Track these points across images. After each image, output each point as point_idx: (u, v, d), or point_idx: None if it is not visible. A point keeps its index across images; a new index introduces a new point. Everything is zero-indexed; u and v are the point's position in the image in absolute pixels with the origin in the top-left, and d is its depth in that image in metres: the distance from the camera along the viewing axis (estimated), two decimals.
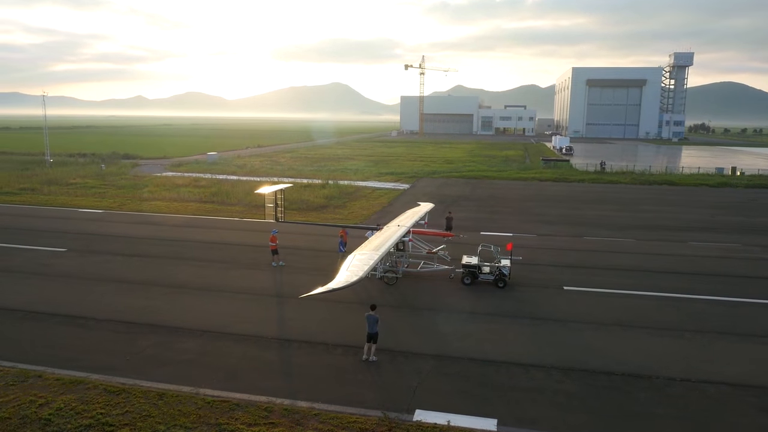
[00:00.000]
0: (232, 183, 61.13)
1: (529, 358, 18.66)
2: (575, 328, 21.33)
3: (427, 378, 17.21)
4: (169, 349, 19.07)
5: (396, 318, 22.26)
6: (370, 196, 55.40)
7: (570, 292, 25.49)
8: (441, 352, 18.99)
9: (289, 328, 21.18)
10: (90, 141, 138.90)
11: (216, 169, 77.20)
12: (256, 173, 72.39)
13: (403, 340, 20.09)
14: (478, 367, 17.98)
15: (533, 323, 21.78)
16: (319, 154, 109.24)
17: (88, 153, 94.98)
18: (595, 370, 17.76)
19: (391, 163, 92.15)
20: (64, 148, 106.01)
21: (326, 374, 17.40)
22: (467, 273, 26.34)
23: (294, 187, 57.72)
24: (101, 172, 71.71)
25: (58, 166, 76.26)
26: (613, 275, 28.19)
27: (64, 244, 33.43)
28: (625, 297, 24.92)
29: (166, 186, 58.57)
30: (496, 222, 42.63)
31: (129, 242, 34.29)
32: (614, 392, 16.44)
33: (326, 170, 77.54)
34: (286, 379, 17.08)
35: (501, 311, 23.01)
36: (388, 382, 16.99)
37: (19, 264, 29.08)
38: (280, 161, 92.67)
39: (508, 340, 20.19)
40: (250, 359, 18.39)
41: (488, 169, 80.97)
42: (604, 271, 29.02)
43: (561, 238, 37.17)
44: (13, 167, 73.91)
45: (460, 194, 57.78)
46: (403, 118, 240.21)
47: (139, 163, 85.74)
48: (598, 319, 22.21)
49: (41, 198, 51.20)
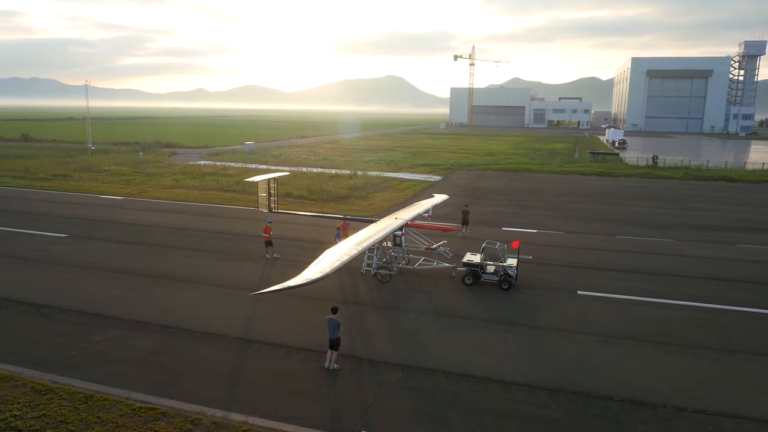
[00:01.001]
0: (260, 172, 60.27)
1: (514, 374, 16.09)
2: (579, 340, 18.51)
3: (387, 393, 14.98)
4: (120, 345, 17.64)
5: (377, 320, 20.10)
6: (396, 187, 53.18)
7: (583, 298, 22.54)
8: (413, 363, 16.68)
9: (257, 327, 19.38)
10: (144, 131, 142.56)
11: (250, 158, 76.87)
12: (287, 163, 71.46)
13: (376, 346, 17.92)
14: (451, 382, 15.58)
15: (531, 332, 19.09)
16: (360, 145, 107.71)
17: (132, 142, 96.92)
18: (589, 393, 15.02)
19: (431, 154, 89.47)
20: (120, 137, 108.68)
21: (277, 383, 15.47)
22: (468, 272, 23.81)
23: (319, 177, 56.46)
24: (138, 159, 72.66)
25: (99, 154, 77.93)
26: (639, 279, 24.92)
27: (67, 229, 32.99)
28: (647, 305, 21.75)
29: (192, 174, 58.31)
30: (523, 217, 39.55)
31: (132, 229, 33.53)
32: (606, 423, 13.70)
33: (361, 161, 75.83)
34: (230, 387, 15.26)
35: (497, 317, 20.41)
36: (342, 395, 14.88)
37: (11, 249, 28.65)
38: (317, 151, 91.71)
39: (495, 351, 17.64)
40: (200, 361, 16.70)
41: (530, 162, 77.01)
42: (629, 274, 25.75)
43: (590, 236, 33.82)
44: (57, 154, 76.00)
45: (493, 187, 54.68)
46: (452, 110, 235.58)
47: (178, 152, 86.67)
48: (609, 330, 19.26)
49: (70, 184, 51.82)
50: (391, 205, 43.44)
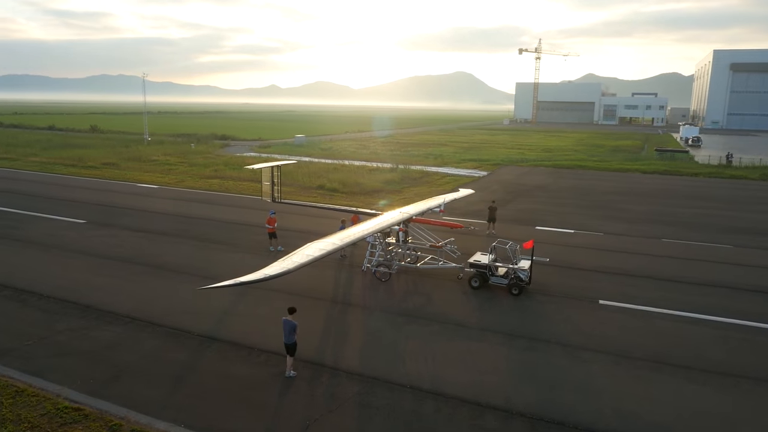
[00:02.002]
0: (302, 164, 59.62)
1: (493, 395, 13.75)
2: (585, 358, 15.84)
3: (336, 409, 13.07)
4: (80, 337, 16.69)
5: (359, 323, 18.19)
6: (435, 182, 50.86)
7: (604, 309, 19.65)
8: (381, 374, 14.67)
9: (228, 324, 17.94)
10: (208, 124, 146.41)
11: (297, 151, 76.60)
12: (332, 155, 70.53)
13: (347, 352, 16.03)
14: (417, 401, 13.46)
15: (530, 346, 16.57)
16: (414, 140, 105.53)
17: (191, 134, 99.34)
18: (578, 426, 12.49)
19: (484, 150, 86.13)
20: (183, 130, 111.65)
21: (224, 388, 13.91)
22: (475, 274, 21.41)
23: (357, 171, 55.02)
24: (189, 150, 73.97)
25: (154, 145, 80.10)
26: (678, 290, 21.63)
27: (87, 215, 33.11)
28: (680, 321, 18.61)
29: (233, 165, 58.38)
30: (562, 216, 36.30)
31: (152, 218, 33.25)
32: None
33: (408, 155, 73.83)
34: (172, 390, 13.84)
35: (496, 326, 17.99)
36: (287, 408, 13.11)
37: (26, 233, 28.85)
38: (369, 145, 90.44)
39: (481, 366, 15.30)
40: (153, 358, 15.42)
41: (587, 159, 72.22)
42: (668, 284, 22.45)
43: (632, 238, 30.32)
44: (116, 144, 78.76)
45: (540, 184, 51.19)
46: (517, 106, 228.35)
47: (230, 144, 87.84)
48: (626, 349, 16.42)
49: (114, 172, 52.99)
50: (423, 199, 41.21)
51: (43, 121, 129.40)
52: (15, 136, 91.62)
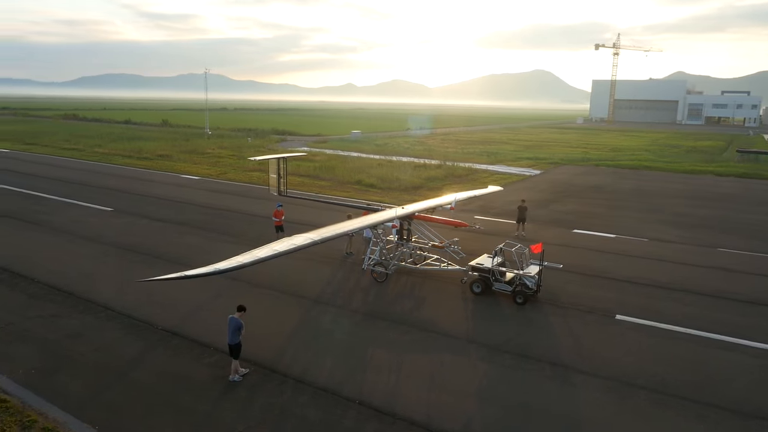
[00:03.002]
0: (348, 159, 59.01)
1: (450, 420, 11.91)
2: (577, 382, 13.59)
3: (267, 422, 11.69)
4: (48, 324, 16.32)
5: (332, 327, 16.73)
6: (480, 179, 48.38)
7: (619, 325, 17.11)
8: (330, 386, 13.16)
9: (196, 319, 17.04)
10: (274, 120, 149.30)
11: (351, 146, 76.15)
12: (384, 151, 69.26)
13: (304, 358, 14.64)
14: (360, 418, 11.87)
15: (515, 365, 14.48)
16: (475, 138, 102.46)
17: (252, 129, 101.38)
18: None
19: (546, 148, 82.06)
20: (250, 126, 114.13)
21: (156, 390, 12.92)
22: (477, 278, 19.39)
23: (402, 167, 53.49)
24: (245, 144, 75.17)
25: (213, 138, 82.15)
26: (716, 308, 18.62)
27: (117, 204, 33.66)
28: (709, 345, 15.81)
29: None
30: (609, 219, 33.11)
31: (177, 207, 33.36)
32: None
33: (463, 152, 71.46)
34: (105, 386, 13.00)
35: (485, 338, 15.98)
36: (215, 417, 11.87)
37: (52, 218, 29.55)
38: (427, 142, 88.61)
39: (449, 384, 13.43)
40: (104, 351, 14.71)
41: (657, 160, 66.78)
42: (709, 299, 19.42)
43: (682, 246, 26.94)
44: (177, 137, 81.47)
45: (595, 184, 47.51)
46: (593, 105, 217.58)
47: (287, 138, 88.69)
48: (630, 374, 14.00)
49: (164, 163, 54.37)
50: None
51: (122, 116, 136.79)
52: (91, 128, 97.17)
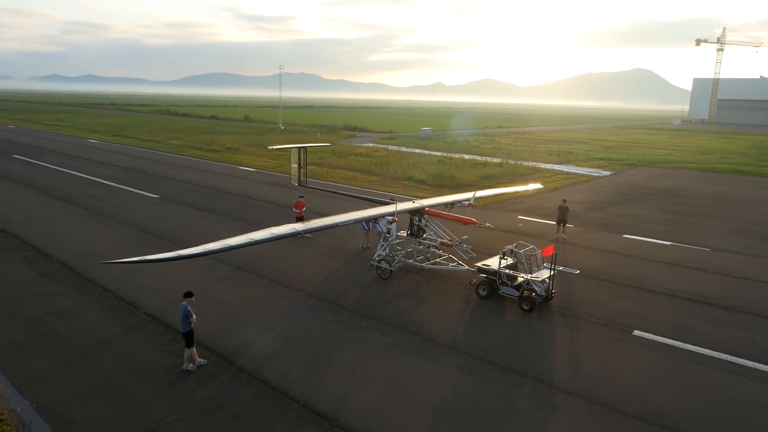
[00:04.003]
0: (408, 156, 58.13)
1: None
2: (556, 405, 11.88)
3: (199, 416, 11.08)
4: (43, 301, 16.77)
5: (312, 323, 15.90)
6: (539, 179, 45.70)
7: (634, 342, 14.99)
8: (281, 384, 12.36)
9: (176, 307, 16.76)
10: (355, 118, 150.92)
11: (418, 143, 75.10)
12: (452, 149, 67.45)
13: (268, 353, 13.90)
14: (295, 423, 10.95)
15: (493, 378, 12.94)
16: (552, 137, 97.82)
17: (324, 124, 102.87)
18: None
19: (628, 149, 76.52)
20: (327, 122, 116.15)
21: (108, 374, 12.70)
22: (483, 281, 17.82)
23: (462, 164, 51.82)
24: (314, 139, 76.15)
25: (286, 133, 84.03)
26: (759, 330, 15.89)
27: (166, 192, 34.83)
28: (733, 373, 13.41)
29: (340, 153, 58.51)
30: (672, 225, 29.85)
31: (220, 197, 34.02)
32: None
33: (533, 151, 68.31)
34: (62, 366, 12.98)
35: (470, 346, 14.51)
36: (150, 405, 11.42)
37: (100, 203, 31.01)
38: (499, 140, 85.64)
39: (409, 393, 12.19)
40: (79, 331, 14.79)
41: (750, 164, 60.13)
42: (752, 319, 16.65)
43: (750, 258, 23.60)
44: (251, 132, 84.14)
45: (668, 188, 43.37)
46: (693, 105, 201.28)
47: (357, 135, 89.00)
48: (624, 401, 12.06)
49: (229, 156, 56.07)
50: (515, 195, 37.16)
51: (212, 112, 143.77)
52: (177, 123, 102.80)
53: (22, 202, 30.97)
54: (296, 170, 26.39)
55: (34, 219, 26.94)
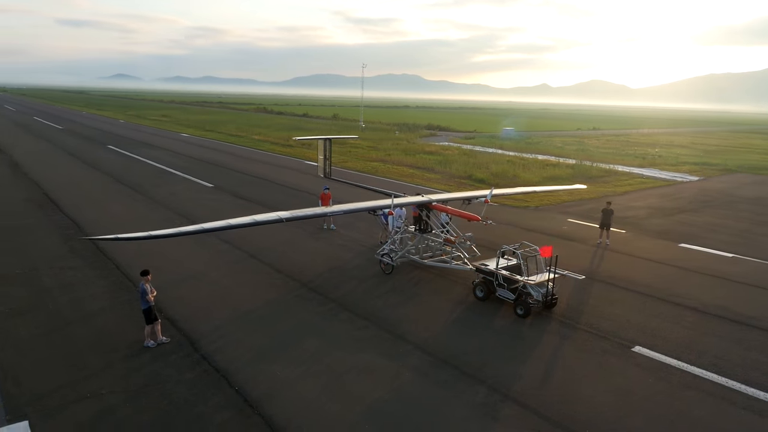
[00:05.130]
0: (478, 155, 56.62)
1: (309, 428, 10.26)
2: (503, 418, 10.80)
3: (131, 390, 11.25)
4: (58, 274, 17.96)
5: (287, 312, 15.72)
6: (611, 182, 42.71)
7: (631, 359, 13.32)
8: (226, 369, 12.27)
9: (179, 287, 17.27)
10: (445, 118, 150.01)
11: (497, 143, 73.03)
12: (530, 149, 64.85)
13: (232, 338, 13.89)
14: (223, 405, 10.81)
15: (447, 383, 12.03)
16: (647, 141, 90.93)
17: (407, 123, 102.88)
18: None
19: (731, 155, 69.44)
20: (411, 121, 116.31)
21: (74, 345, 13.25)
22: (481, 282, 16.72)
23: (528, 164, 49.64)
24: (392, 137, 76.46)
25: (366, 131, 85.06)
26: None
27: (221, 182, 36.37)
28: (737, 403, 11.48)
29: (408, 151, 58.21)
30: (746, 236, 26.50)
31: (268, 188, 35.14)
32: None
33: (618, 153, 63.96)
34: (40, 335, 13.71)
35: (438, 348, 13.61)
36: (93, 377, 11.76)
37: (156, 189, 32.99)
38: (586, 142, 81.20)
39: (348, 392, 11.63)
40: (72, 305, 15.64)
41: None
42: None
43: None
44: (333, 128, 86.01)
45: (762, 197, 38.63)
46: None
47: (437, 134, 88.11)
48: (585, 423, 10.72)
49: (302, 151, 57.54)
50: (577, 198, 34.98)
51: (305, 110, 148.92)
52: (268, 120, 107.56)
53: (89, 186, 33.64)
54: (322, 161, 26.38)
55: (91, 201, 29.14)
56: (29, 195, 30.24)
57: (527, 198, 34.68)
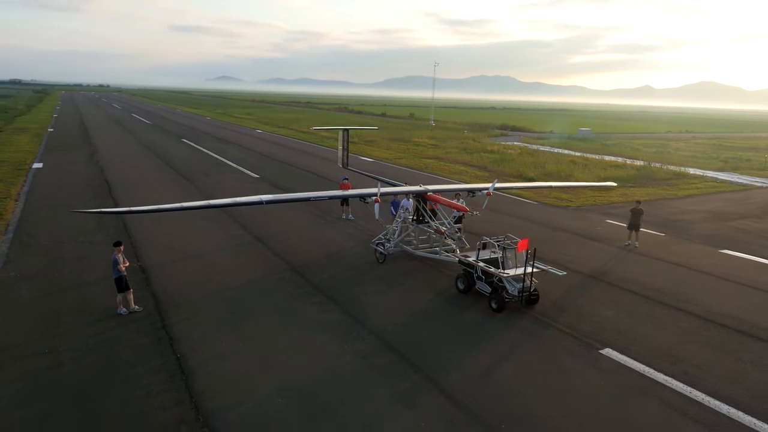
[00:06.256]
0: (539, 154, 54.72)
1: (226, 399, 10.57)
2: (423, 405, 10.51)
3: (82, 349, 12.08)
4: (81, 248, 19.50)
5: (269, 294, 16.10)
6: (678, 184, 39.78)
7: (591, 361, 12.46)
8: (178, 338, 12.85)
9: (175, 267, 18.22)
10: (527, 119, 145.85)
11: (567, 144, 70.13)
12: (606, 151, 61.59)
13: (199, 315, 14.48)
14: (150, 374, 11.36)
15: (382, 368, 11.86)
16: (742, 145, 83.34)
17: (479, 123, 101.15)
18: None
19: None
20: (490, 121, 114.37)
21: (59, 307, 14.42)
22: (462, 274, 16.27)
23: (590, 165, 47.26)
24: (460, 136, 75.61)
25: (435, 130, 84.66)
26: None
27: (267, 173, 37.85)
28: (688, 415, 10.43)
29: (471, 150, 57.32)
30: None
31: (311, 180, 36.11)
32: None
33: (698, 157, 59.24)
34: (40, 296, 15.08)
35: (390, 335, 13.44)
36: (58, 336, 12.75)
37: (206, 178, 34.98)
38: (673, 145, 75.84)
39: (280, 369, 11.79)
40: (79, 272, 16.97)
41: None
42: None
43: None
44: (403, 127, 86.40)
45: None
46: None
47: (508, 134, 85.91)
48: (507, 422, 10.21)
49: (363, 147, 58.26)
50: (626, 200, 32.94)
51: (379, 110, 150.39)
52: (342, 118, 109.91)
53: (146, 174, 36.12)
54: (341, 152, 26.65)
55: (140, 187, 31.25)
56: (90, 180, 33.02)
57: (572, 198, 33.20)
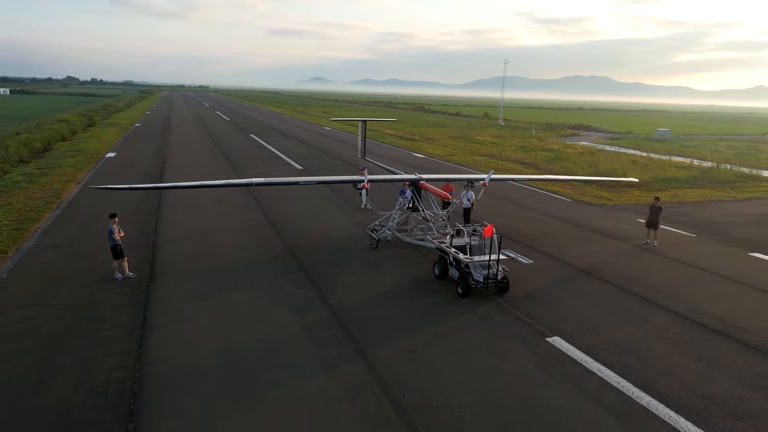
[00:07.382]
0: (600, 153, 52.65)
1: (165, 364, 11.72)
2: (341, 378, 11.10)
3: (60, 307, 13.73)
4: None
5: (253, 272, 17.22)
6: (739, 187, 36.97)
7: (534, 348, 12.42)
8: (150, 302, 14.23)
9: (185, 240, 19.82)
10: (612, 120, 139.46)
11: (640, 144, 66.64)
12: (681, 153, 57.88)
13: (180, 287, 15.85)
14: (111, 342, 12.76)
15: (321, 342, 12.53)
16: None
17: (552, 123, 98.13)
18: None
19: None
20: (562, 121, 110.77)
21: (69, 270, 16.33)
22: (438, 260, 16.57)
23: (656, 165, 45.05)
24: (527, 135, 74.11)
25: (504, 129, 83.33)
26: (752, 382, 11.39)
27: (312, 166, 39.35)
28: (606, 399, 10.27)
29: (529, 148, 56.16)
30: None
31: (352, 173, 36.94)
32: None
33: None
34: (37, 262, 17.03)
35: (346, 313, 14.07)
36: (52, 292, 14.53)
37: (270, 169, 37.15)
38: (758, 147, 69.93)
39: (224, 337, 12.79)
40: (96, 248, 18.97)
41: None
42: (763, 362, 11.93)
43: None
44: (469, 126, 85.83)
45: None
46: None
47: (580, 134, 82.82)
48: (410, 391, 10.59)
49: (421, 144, 58.89)
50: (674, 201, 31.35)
51: (454, 110, 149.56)
52: (414, 117, 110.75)
53: (201, 164, 38.74)
54: (360, 142, 27.36)
55: (190, 176, 33.55)
56: (150, 169, 35.96)
57: (612, 196, 32.01)
